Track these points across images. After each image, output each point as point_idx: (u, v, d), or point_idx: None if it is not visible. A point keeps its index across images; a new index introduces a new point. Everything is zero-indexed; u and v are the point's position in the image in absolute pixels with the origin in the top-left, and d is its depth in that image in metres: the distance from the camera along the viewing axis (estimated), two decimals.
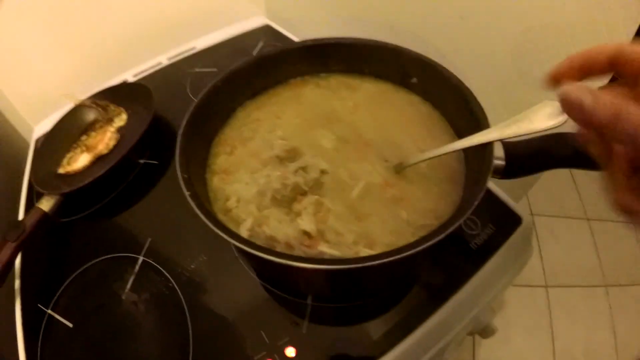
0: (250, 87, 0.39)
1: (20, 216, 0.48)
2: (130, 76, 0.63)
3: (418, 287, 0.36)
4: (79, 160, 0.48)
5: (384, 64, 0.40)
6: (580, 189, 1.21)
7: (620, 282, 1.04)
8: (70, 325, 0.38)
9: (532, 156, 0.32)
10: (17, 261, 0.43)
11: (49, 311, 0.39)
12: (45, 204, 0.43)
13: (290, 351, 0.33)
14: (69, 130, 0.53)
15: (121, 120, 0.51)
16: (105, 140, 0.48)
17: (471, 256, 0.38)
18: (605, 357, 0.93)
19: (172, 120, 0.54)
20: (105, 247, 0.43)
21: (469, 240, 0.39)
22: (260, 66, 0.39)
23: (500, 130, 0.27)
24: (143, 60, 0.64)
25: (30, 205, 0.47)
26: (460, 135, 0.35)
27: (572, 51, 0.21)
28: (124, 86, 0.58)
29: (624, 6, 0.38)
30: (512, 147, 0.32)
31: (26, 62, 0.60)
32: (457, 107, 0.34)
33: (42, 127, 0.59)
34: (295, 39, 0.66)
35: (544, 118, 0.24)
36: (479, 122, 0.31)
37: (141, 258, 0.41)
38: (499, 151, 0.31)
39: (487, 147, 0.28)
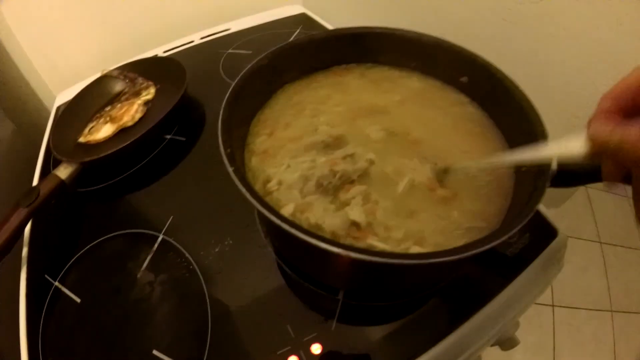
0: (294, 69, 0.38)
1: (35, 183, 0.46)
2: (160, 52, 0.61)
3: (452, 292, 0.35)
4: (102, 131, 0.46)
5: (433, 59, 0.38)
6: (596, 212, 1.21)
7: (626, 308, 1.03)
8: (78, 300, 0.36)
9: (586, 166, 0.31)
10: (27, 228, 0.41)
11: (56, 283, 0.38)
12: (63, 172, 0.41)
13: (316, 348, 0.31)
14: (93, 100, 0.51)
15: (149, 94, 0.49)
16: (131, 112, 0.46)
17: (507, 264, 0.37)
18: None
19: (202, 98, 0.53)
20: (122, 221, 0.41)
21: (506, 248, 0.37)
22: (307, 48, 0.37)
23: (560, 148, 0.23)
24: (175, 38, 0.63)
25: (46, 173, 0.45)
26: (510, 140, 0.34)
27: None
28: (154, 60, 0.56)
29: None
30: None
31: (56, 31, 0.59)
32: (510, 112, 0.33)
33: (65, 95, 0.58)
34: (331, 28, 0.65)
35: None
36: (535, 134, 0.29)
37: (161, 236, 0.39)
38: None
39: (542, 168, 0.26)
